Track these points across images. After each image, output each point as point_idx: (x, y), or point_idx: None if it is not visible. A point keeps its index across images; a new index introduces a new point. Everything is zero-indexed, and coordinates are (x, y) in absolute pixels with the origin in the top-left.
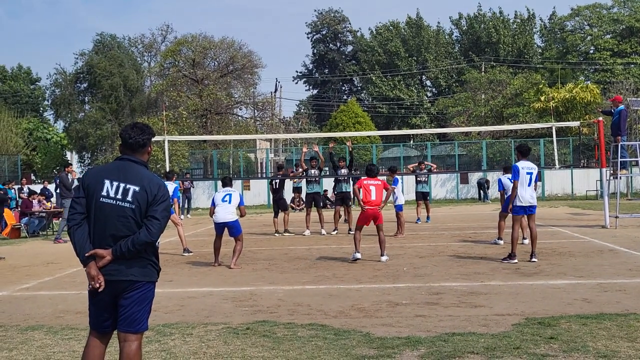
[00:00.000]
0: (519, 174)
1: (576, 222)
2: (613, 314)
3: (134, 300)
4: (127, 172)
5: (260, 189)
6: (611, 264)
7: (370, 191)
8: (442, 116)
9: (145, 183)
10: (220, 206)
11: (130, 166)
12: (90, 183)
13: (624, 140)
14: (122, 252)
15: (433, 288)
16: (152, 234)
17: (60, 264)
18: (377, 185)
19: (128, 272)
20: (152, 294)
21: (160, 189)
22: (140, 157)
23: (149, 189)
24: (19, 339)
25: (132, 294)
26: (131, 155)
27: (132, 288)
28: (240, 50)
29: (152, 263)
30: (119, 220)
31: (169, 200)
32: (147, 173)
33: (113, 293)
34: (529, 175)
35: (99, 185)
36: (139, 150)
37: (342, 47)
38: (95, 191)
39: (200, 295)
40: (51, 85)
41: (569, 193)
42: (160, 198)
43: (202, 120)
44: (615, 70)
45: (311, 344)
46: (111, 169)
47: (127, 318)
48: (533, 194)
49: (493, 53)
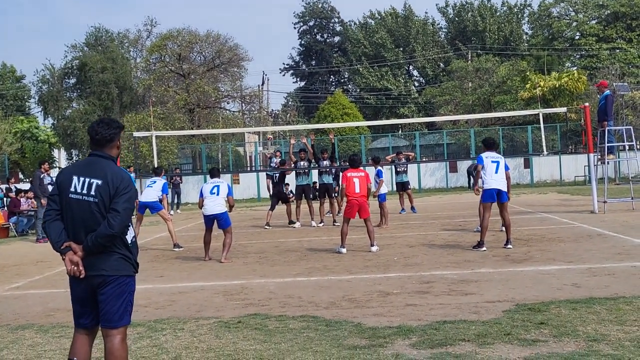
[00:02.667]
0: (483, 161)
1: (565, 207)
2: (602, 298)
3: (110, 295)
4: (92, 167)
5: (250, 182)
6: (600, 248)
7: (354, 184)
8: (430, 106)
9: (109, 177)
10: (208, 199)
11: (97, 161)
12: (62, 180)
13: (611, 125)
14: (89, 246)
15: (424, 277)
16: (112, 227)
17: (49, 263)
18: (361, 177)
19: (99, 267)
20: (129, 287)
21: (123, 182)
22: (108, 152)
23: (111, 183)
24: (9, 338)
25: (107, 289)
26: (99, 150)
27: (106, 283)
28: (226, 44)
29: (124, 256)
30: (86, 215)
31: (132, 192)
32: (113, 167)
33: (89, 289)
34: (494, 164)
35: (68, 182)
36: (106, 145)
37: (329, 38)
38: (65, 188)
39: (191, 290)
40: (38, 81)
41: (557, 179)
42: (122, 190)
43: (191, 115)
44: (601, 55)
45: (303, 335)
46: (80, 166)
47: (106, 314)
48: (500, 181)
49: (479, 41)
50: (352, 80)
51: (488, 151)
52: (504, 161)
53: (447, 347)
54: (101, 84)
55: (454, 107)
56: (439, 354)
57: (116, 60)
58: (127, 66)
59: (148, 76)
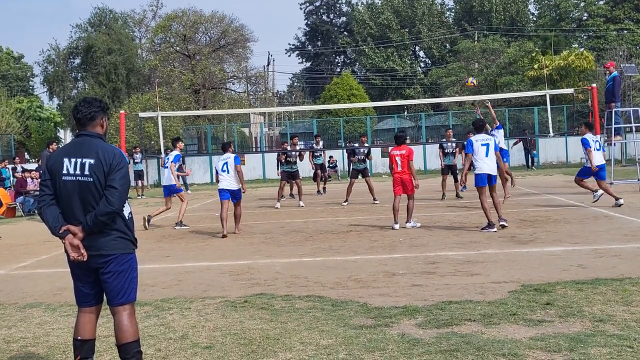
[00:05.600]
0: (472, 146)
1: (571, 189)
2: (608, 279)
3: (112, 274)
4: (82, 147)
5: (256, 163)
6: (606, 229)
7: (396, 162)
8: (436, 87)
9: (100, 154)
10: (221, 176)
11: (86, 140)
12: (52, 164)
13: (618, 107)
14: (89, 226)
15: (429, 257)
16: (111, 203)
17: (56, 242)
18: (402, 155)
19: (99, 246)
20: (131, 264)
21: (116, 158)
22: (93, 130)
23: (103, 160)
24: (17, 316)
25: (109, 268)
26: (84, 130)
27: (108, 262)
28: (231, 25)
29: (123, 234)
30: (83, 195)
31: (126, 168)
32: (102, 144)
33: (90, 268)
34: (484, 147)
35: (59, 165)
36: (89, 124)
37: (336, 18)
38: (57, 171)
39: (198, 269)
40: (44, 61)
41: (563, 161)
42: (116, 166)
43: (196, 96)
44: (608, 36)
45: (309, 315)
46: (68, 147)
47: (111, 292)
48: (492, 165)
49: (486, 22)
50: (357, 61)
51: (478, 134)
52: (494, 141)
53: (452, 327)
54: (109, 65)
55: (460, 88)
56: (444, 334)
57: (122, 41)
58: (133, 48)
59: (154, 57)
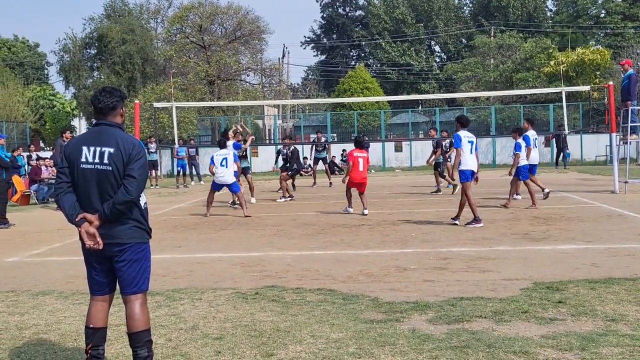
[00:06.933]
0: (461, 141)
1: (585, 187)
2: (621, 279)
3: (126, 263)
4: (101, 136)
5: (269, 155)
6: (620, 228)
7: (359, 162)
8: (451, 82)
9: (120, 143)
10: (219, 169)
11: (105, 130)
12: (70, 152)
13: (634, 105)
14: (107, 214)
15: (441, 253)
16: (130, 192)
17: (69, 230)
18: (365, 157)
19: (115, 235)
20: (145, 254)
21: (135, 148)
22: (113, 120)
23: (123, 149)
24: (30, 303)
25: (124, 256)
26: (104, 119)
27: (122, 251)
28: (247, 16)
29: (138, 223)
30: (101, 184)
31: (145, 158)
32: (121, 134)
33: (105, 256)
34: (470, 144)
35: (78, 153)
36: (110, 114)
37: (351, 12)
38: (75, 159)
39: (209, 260)
40: (60, 50)
41: (578, 158)
42: (135, 156)
43: (211, 87)
44: (626, 34)
45: (320, 308)
46: (87, 136)
47: (124, 281)
48: (475, 161)
49: (502, 17)
50: (373, 55)
51: (463, 130)
52: (476, 140)
53: (463, 323)
54: (124, 54)
55: (475, 83)
56: (455, 330)
57: (136, 31)
58: (148, 38)
59: (169, 47)
